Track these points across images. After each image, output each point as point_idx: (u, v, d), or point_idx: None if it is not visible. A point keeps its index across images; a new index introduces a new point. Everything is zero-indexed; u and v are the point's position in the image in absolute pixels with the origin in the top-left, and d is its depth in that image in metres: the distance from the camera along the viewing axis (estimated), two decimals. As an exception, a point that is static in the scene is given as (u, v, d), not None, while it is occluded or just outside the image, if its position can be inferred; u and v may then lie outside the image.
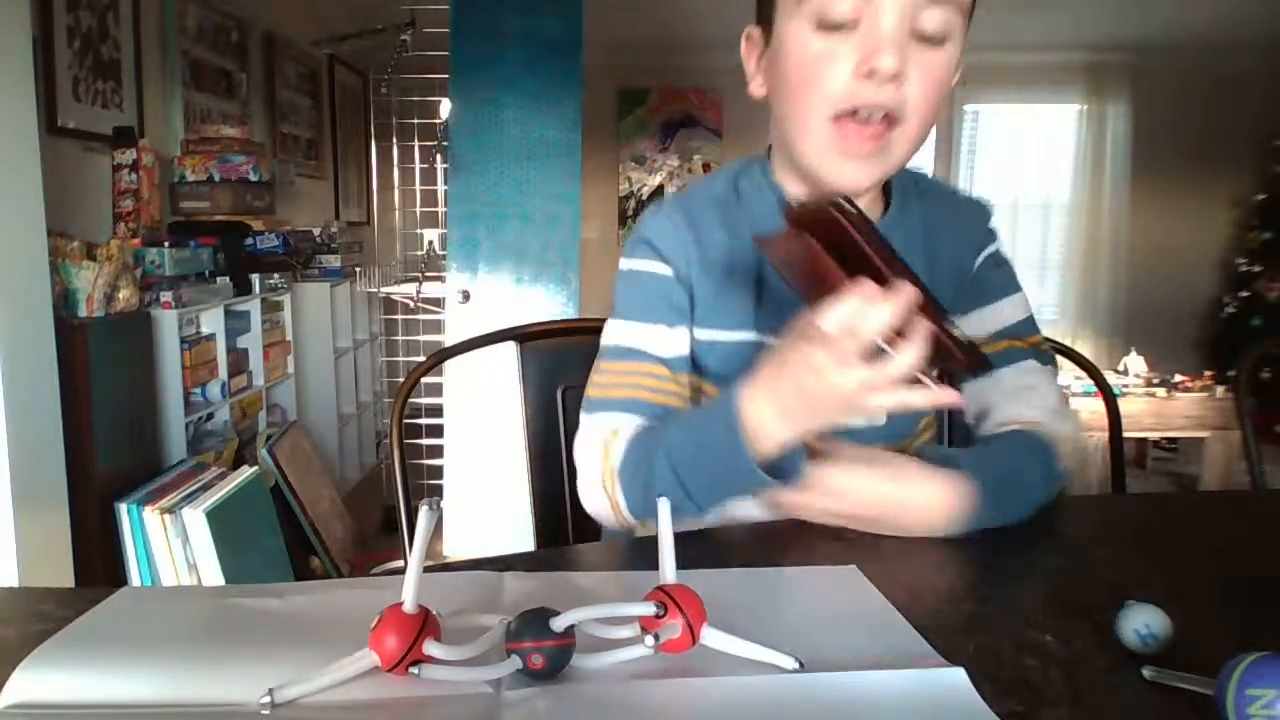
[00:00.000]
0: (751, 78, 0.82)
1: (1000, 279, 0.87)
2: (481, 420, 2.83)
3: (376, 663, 0.45)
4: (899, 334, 0.60)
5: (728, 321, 0.83)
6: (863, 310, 0.59)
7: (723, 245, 0.83)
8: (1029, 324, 0.86)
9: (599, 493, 0.77)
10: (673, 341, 0.82)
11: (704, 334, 0.83)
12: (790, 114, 0.77)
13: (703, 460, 0.69)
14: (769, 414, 0.66)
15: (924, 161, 5.38)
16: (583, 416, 0.82)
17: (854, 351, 0.60)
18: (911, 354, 0.59)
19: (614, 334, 0.84)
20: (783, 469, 0.68)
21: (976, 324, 0.85)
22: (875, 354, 0.60)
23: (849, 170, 0.75)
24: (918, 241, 0.83)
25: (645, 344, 0.81)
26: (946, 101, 0.78)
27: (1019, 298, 0.87)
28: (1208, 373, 3.91)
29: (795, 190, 0.83)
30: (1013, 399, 0.82)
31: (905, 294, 0.58)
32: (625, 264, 0.86)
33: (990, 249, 0.87)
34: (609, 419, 0.79)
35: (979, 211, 0.90)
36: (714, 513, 0.72)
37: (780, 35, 0.76)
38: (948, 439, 1.00)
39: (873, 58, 0.69)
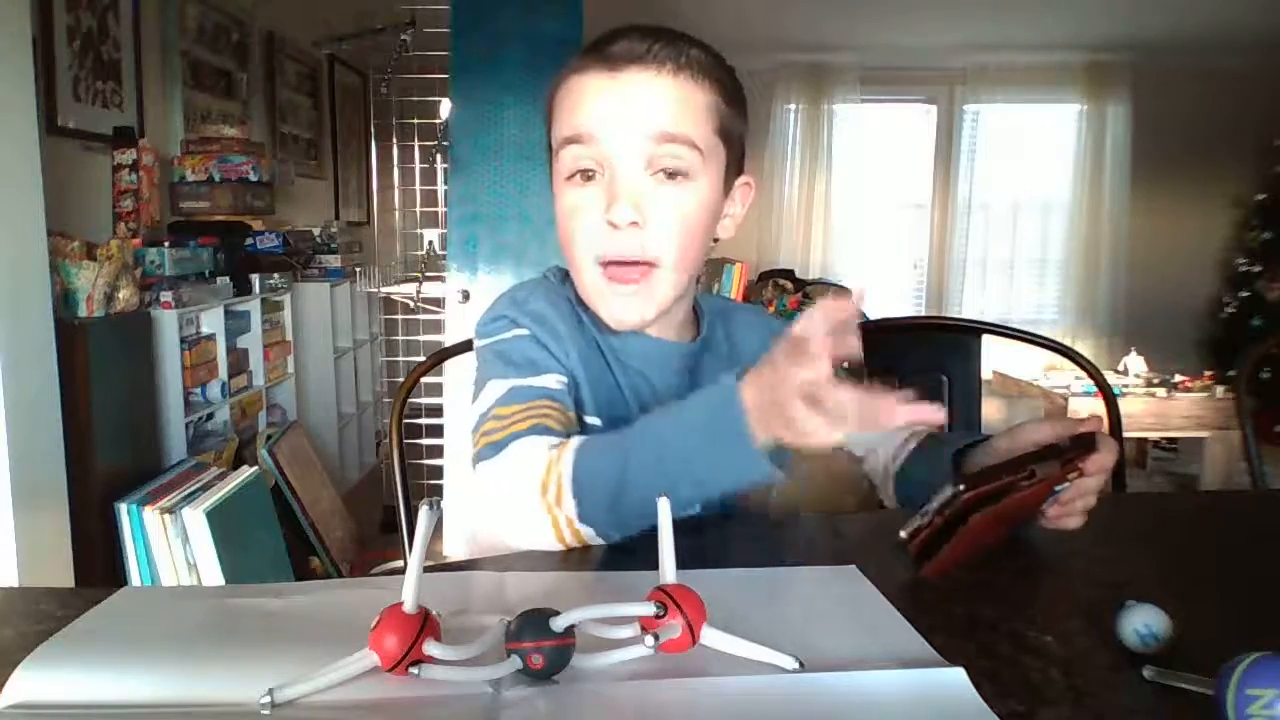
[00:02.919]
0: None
1: None
2: (481, 420, 2.82)
3: (376, 663, 0.45)
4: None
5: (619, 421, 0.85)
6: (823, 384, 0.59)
7: (592, 351, 0.85)
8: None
9: (537, 511, 0.70)
10: (559, 384, 0.81)
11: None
12: (567, 256, 0.83)
13: (701, 449, 0.66)
14: (753, 411, 0.65)
15: (923, 162, 5.39)
16: (486, 465, 0.75)
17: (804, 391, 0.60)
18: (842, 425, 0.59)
19: (499, 388, 0.80)
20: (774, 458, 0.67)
21: None
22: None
23: (617, 306, 0.81)
24: (722, 359, 0.90)
25: (536, 384, 0.80)
26: (706, 238, 0.84)
27: None
28: (1208, 373, 3.91)
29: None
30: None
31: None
32: (489, 341, 0.84)
33: None
34: (529, 444, 0.74)
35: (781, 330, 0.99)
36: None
37: (554, 179, 0.83)
38: None
39: (610, 209, 0.76)
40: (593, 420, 0.84)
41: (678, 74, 0.78)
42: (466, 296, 2.85)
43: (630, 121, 0.77)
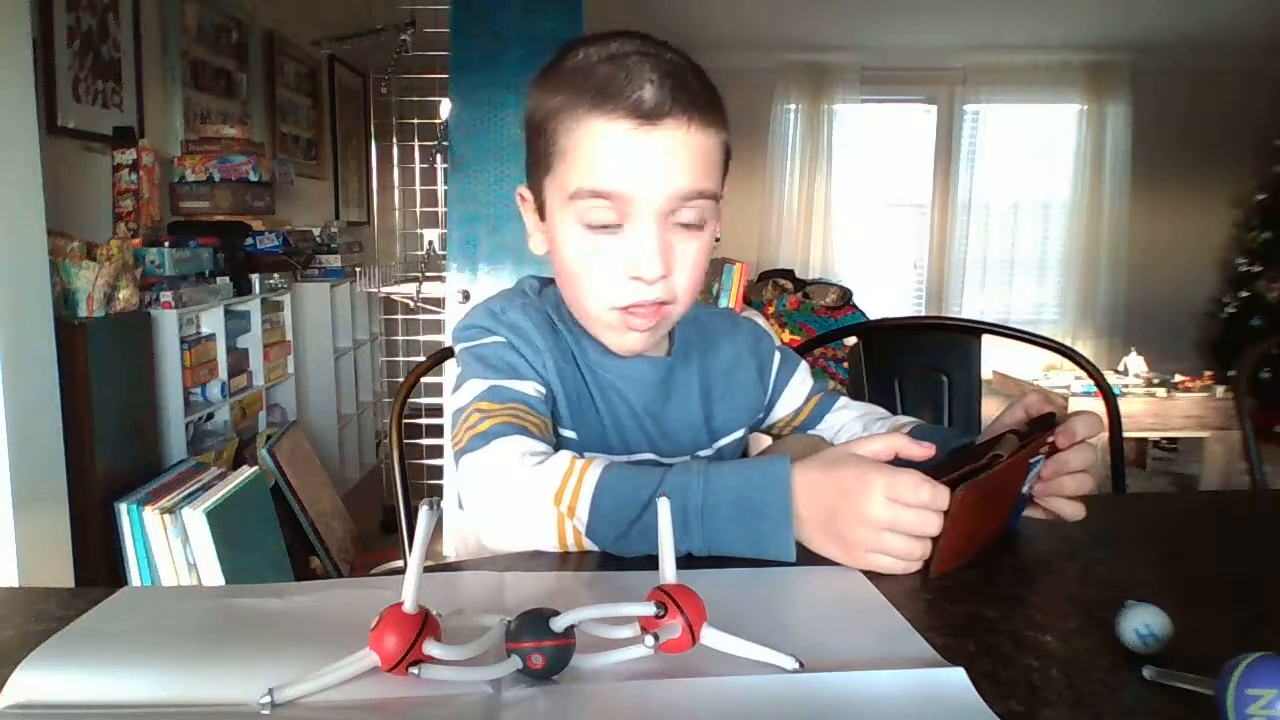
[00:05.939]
0: (531, 234, 0.87)
1: (789, 367, 1.01)
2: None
3: (376, 663, 0.45)
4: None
5: (608, 443, 0.85)
6: (925, 517, 0.62)
7: (568, 364, 0.85)
8: (819, 381, 1.03)
9: (547, 513, 0.70)
10: (537, 392, 0.81)
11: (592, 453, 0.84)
12: (572, 298, 0.83)
13: (735, 515, 0.67)
14: (801, 508, 0.66)
15: (923, 162, 5.39)
16: (474, 456, 0.75)
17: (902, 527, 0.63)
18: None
19: (480, 385, 0.80)
20: None
21: (789, 399, 1.00)
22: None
23: (630, 341, 0.82)
24: (694, 369, 0.92)
25: (516, 388, 0.80)
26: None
27: (803, 366, 1.03)
28: (1208, 373, 3.91)
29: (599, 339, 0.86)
30: (864, 418, 0.97)
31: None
32: (468, 345, 0.84)
33: (776, 357, 1.00)
34: (519, 443, 0.74)
35: (754, 331, 1.01)
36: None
37: (552, 222, 0.81)
38: None
39: (638, 266, 0.76)
40: (567, 434, 0.84)
41: (700, 126, 0.76)
42: (466, 296, 2.85)
43: (662, 181, 0.75)
